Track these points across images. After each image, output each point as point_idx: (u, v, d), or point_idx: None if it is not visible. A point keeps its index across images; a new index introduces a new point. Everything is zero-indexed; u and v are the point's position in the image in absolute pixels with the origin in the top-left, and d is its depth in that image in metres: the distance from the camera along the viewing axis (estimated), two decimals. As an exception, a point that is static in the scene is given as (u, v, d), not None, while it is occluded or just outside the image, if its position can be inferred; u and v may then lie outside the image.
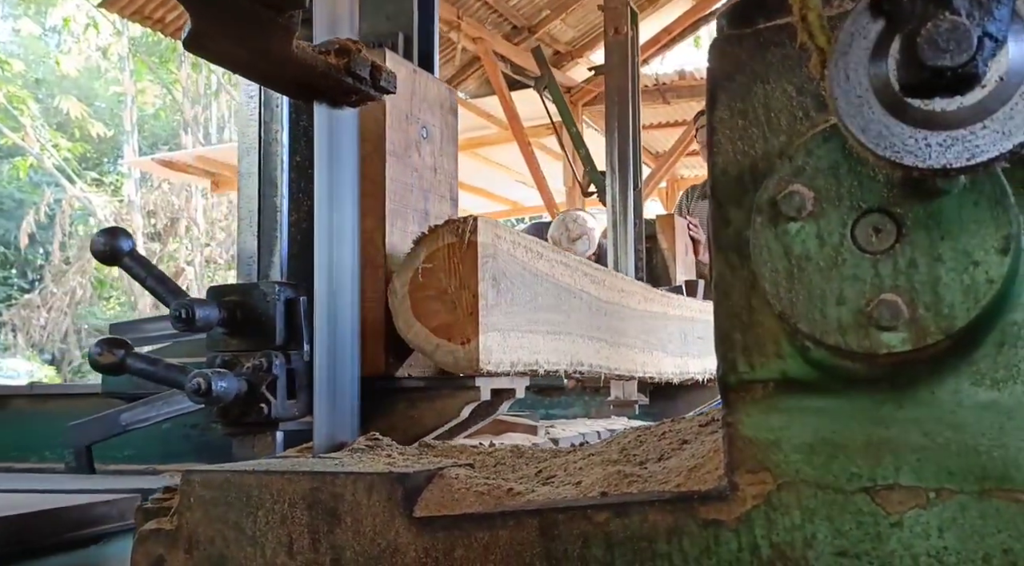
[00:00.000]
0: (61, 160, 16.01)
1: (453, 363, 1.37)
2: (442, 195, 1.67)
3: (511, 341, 1.46)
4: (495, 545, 0.82)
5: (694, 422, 1.05)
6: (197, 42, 1.08)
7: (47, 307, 15.62)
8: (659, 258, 4.04)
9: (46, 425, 2.32)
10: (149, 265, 1.52)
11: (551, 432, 1.90)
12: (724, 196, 0.78)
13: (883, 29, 0.61)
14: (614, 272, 2.31)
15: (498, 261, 1.44)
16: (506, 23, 8.20)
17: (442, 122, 1.69)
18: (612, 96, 3.39)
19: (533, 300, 1.56)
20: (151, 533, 0.96)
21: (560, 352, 1.65)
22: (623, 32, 3.50)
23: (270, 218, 1.62)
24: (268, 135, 1.63)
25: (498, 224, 1.50)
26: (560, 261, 1.70)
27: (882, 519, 0.74)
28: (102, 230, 1.53)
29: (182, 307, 1.37)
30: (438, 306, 1.39)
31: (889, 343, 0.69)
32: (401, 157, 1.53)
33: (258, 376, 1.42)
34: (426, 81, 1.64)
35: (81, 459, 1.87)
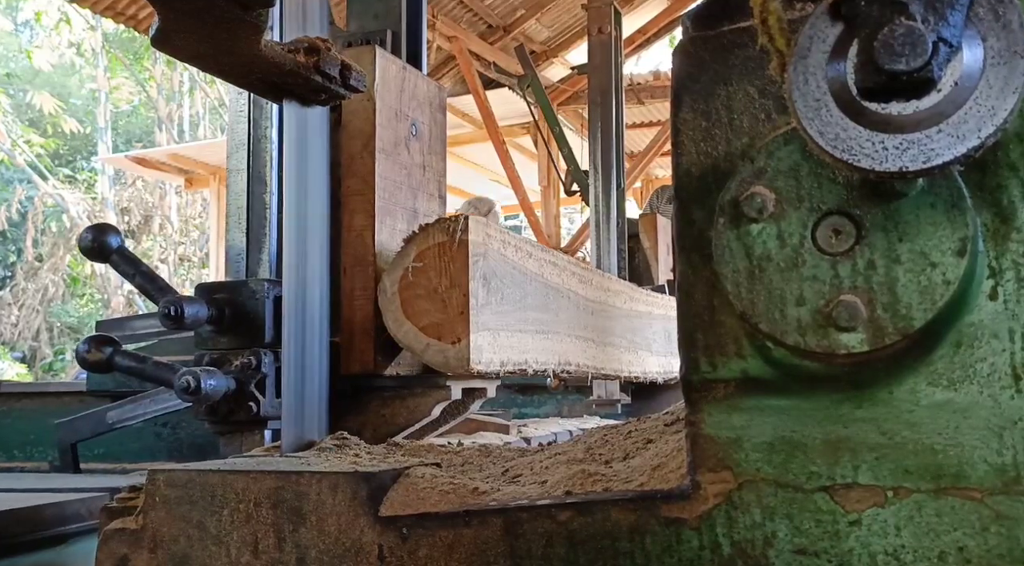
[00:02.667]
0: (33, 156, 15.78)
1: (443, 362, 1.36)
2: (431, 193, 1.66)
3: (501, 340, 1.45)
4: (459, 544, 0.82)
5: (659, 421, 1.06)
6: (164, 39, 1.07)
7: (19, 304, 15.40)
8: (641, 257, 4.06)
9: (17, 424, 2.28)
10: (137, 262, 1.51)
11: (523, 431, 1.89)
12: (687, 196, 0.79)
13: (841, 33, 0.62)
14: (600, 271, 2.31)
15: (488, 260, 1.43)
16: (481, 22, 8.21)
17: (431, 120, 1.68)
18: (595, 96, 3.39)
19: (523, 299, 1.56)
20: (115, 532, 0.95)
21: (549, 351, 1.65)
22: (607, 32, 3.49)
23: (259, 215, 1.61)
24: (257, 131, 1.63)
25: (489, 223, 1.50)
26: (549, 260, 1.70)
27: (841, 517, 0.75)
28: (90, 226, 1.51)
29: (171, 304, 1.37)
30: (428, 305, 1.37)
31: (848, 343, 0.70)
32: (391, 155, 1.53)
33: (246, 374, 1.41)
34: (416, 79, 1.63)
35: (66, 457, 1.86)
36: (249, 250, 1.63)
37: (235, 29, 1.05)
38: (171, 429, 2.08)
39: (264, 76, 1.16)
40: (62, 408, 2.17)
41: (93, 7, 6.78)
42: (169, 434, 2.09)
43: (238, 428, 1.47)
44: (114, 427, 1.80)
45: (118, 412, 1.79)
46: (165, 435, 2.09)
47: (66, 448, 1.86)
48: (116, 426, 1.80)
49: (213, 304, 1.44)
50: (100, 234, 1.50)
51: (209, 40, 1.08)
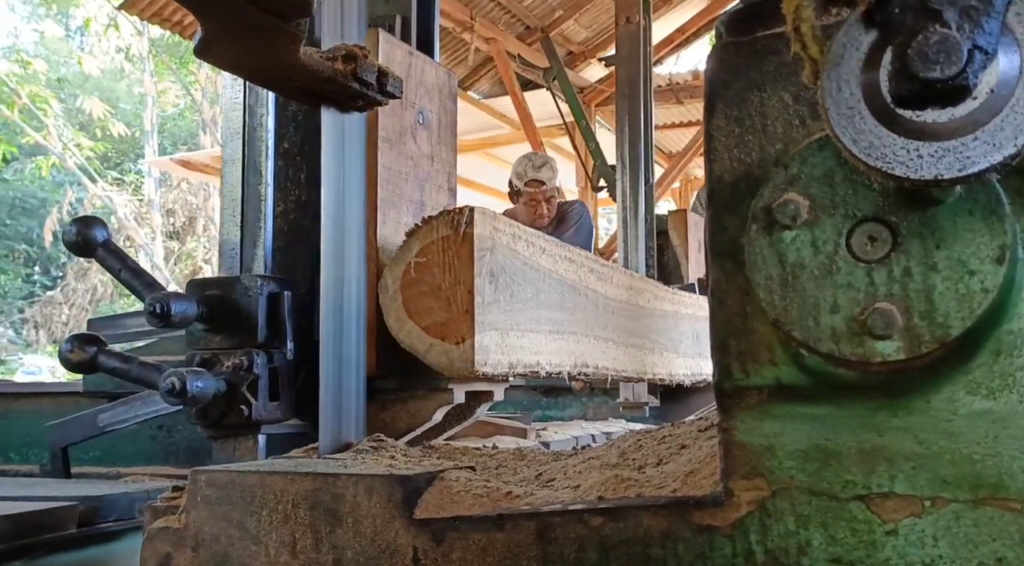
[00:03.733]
0: (83, 159, 16.17)
1: (447, 364, 1.29)
2: (440, 185, 1.60)
3: (510, 340, 1.38)
4: (492, 547, 0.83)
5: (693, 427, 1.06)
6: (207, 49, 1.10)
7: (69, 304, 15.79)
8: (671, 255, 3.99)
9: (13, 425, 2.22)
10: (124, 256, 1.44)
11: (542, 435, 1.83)
12: (720, 203, 0.78)
13: (875, 40, 0.61)
14: (622, 268, 2.22)
15: (496, 255, 1.36)
16: (519, 23, 8.22)
17: (440, 108, 1.61)
18: (623, 88, 3.31)
19: (535, 297, 1.48)
20: (159, 531, 0.98)
21: (564, 352, 1.57)
22: (635, 21, 3.41)
23: (254, 207, 1.53)
24: (253, 120, 1.55)
25: (497, 216, 1.41)
26: (564, 256, 1.62)
27: (877, 527, 0.74)
28: (76, 219, 1.44)
29: (157, 301, 1.30)
30: (432, 303, 1.30)
31: (883, 351, 0.70)
32: (395, 144, 1.46)
33: (238, 375, 1.34)
34: (424, 65, 1.57)
35: (57, 462, 1.76)
36: (243, 244, 1.54)
37: (274, 38, 1.07)
38: (167, 432, 2.00)
39: (303, 84, 1.18)
40: (58, 409, 2.10)
41: (141, 13, 6.93)
42: (165, 437, 2.00)
43: (231, 432, 1.41)
44: (105, 430, 1.71)
45: (109, 414, 1.70)
46: (161, 438, 2.00)
47: (56, 452, 1.77)
48: (107, 429, 1.70)
49: (204, 301, 1.36)
50: (85, 227, 1.42)
51: (249, 50, 1.10)
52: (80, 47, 18.94)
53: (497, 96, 8.80)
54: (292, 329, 1.42)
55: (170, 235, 16.36)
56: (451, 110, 1.66)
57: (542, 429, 1.99)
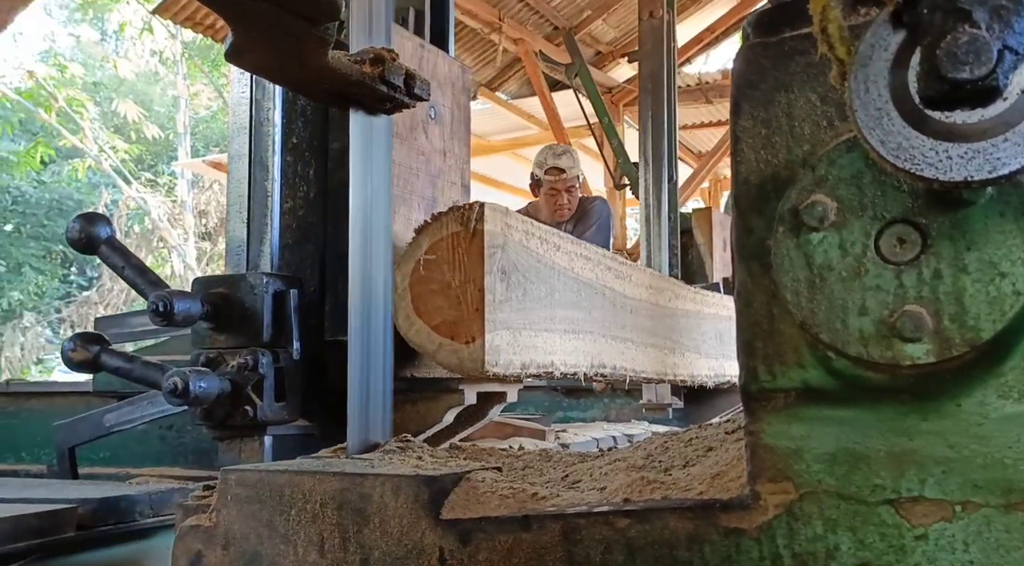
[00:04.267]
0: (118, 162, 16.43)
1: (457, 364, 1.26)
2: (452, 181, 1.57)
3: (523, 340, 1.35)
4: (518, 548, 0.83)
5: (720, 429, 1.05)
6: (237, 53, 1.12)
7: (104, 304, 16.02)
8: (695, 253, 3.95)
9: (25, 425, 2.22)
10: (128, 254, 1.43)
11: (561, 437, 1.79)
12: (746, 205, 0.78)
13: (903, 41, 0.60)
14: (642, 267, 2.17)
15: (508, 252, 1.33)
16: (547, 24, 8.21)
17: (453, 103, 1.58)
18: (646, 83, 3.26)
19: (549, 296, 1.45)
20: (190, 529, 0.99)
21: (580, 352, 1.53)
22: (658, 16, 3.36)
23: (260, 204, 1.50)
24: (260, 114, 1.52)
25: (509, 212, 1.37)
26: (580, 254, 1.58)
27: (906, 531, 0.73)
28: (78, 215, 1.43)
29: (160, 299, 1.28)
30: (441, 301, 1.27)
31: (912, 354, 0.69)
32: (405, 139, 1.44)
33: (243, 375, 1.32)
34: (436, 58, 1.54)
35: (64, 462, 1.73)
36: (250, 241, 1.51)
37: (303, 43, 1.09)
38: (176, 433, 1.97)
39: (331, 87, 1.19)
40: (68, 409, 2.08)
41: (174, 18, 7.03)
42: (174, 438, 1.97)
43: (236, 433, 1.39)
44: (112, 431, 1.68)
45: (116, 415, 1.67)
46: (170, 439, 1.98)
47: (63, 452, 1.73)
48: (114, 430, 1.67)
49: (208, 299, 1.34)
50: (88, 224, 1.40)
51: (279, 54, 1.12)
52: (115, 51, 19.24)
53: (525, 97, 8.81)
54: (299, 328, 1.40)
55: (202, 236, 16.56)
56: (464, 104, 1.63)
57: (562, 431, 1.95)
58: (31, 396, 2.29)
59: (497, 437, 1.63)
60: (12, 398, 2.29)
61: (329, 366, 1.45)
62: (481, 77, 8.46)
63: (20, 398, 2.29)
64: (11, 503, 1.24)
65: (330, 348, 1.47)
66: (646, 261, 2.99)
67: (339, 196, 1.49)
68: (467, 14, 7.32)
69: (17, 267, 17.35)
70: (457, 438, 1.45)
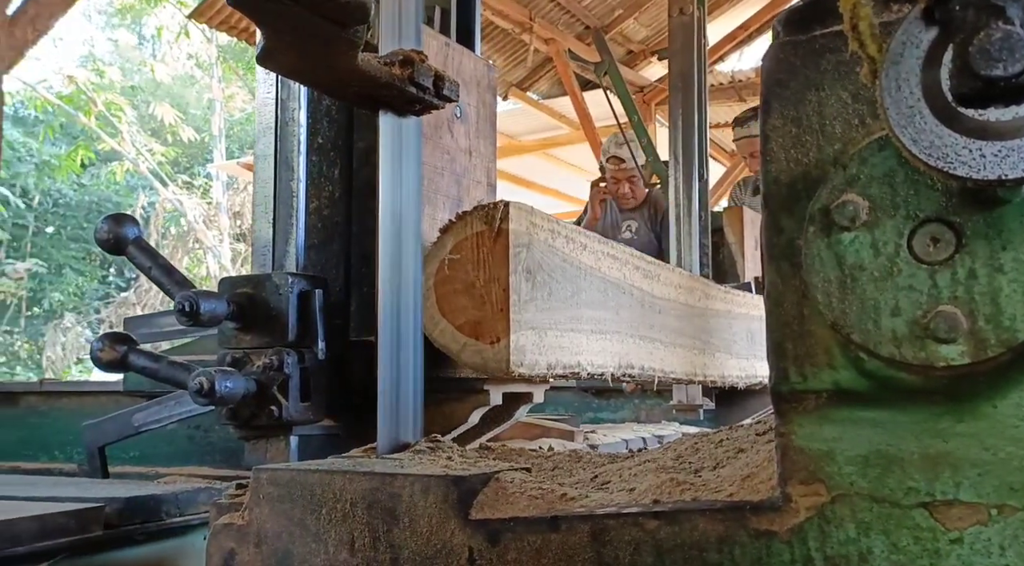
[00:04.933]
0: (155, 164, 16.70)
1: (481, 364, 1.26)
2: (477, 180, 1.57)
3: (548, 340, 1.34)
4: (547, 549, 0.83)
5: (751, 430, 1.04)
6: (268, 56, 1.13)
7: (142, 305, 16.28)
8: (726, 253, 3.91)
9: (57, 424, 2.24)
10: (155, 254, 1.44)
11: (590, 438, 1.78)
12: (776, 204, 0.77)
13: (936, 38, 0.60)
14: (670, 266, 2.14)
15: (533, 252, 1.32)
16: (578, 23, 8.19)
17: (479, 101, 1.58)
18: (676, 81, 3.22)
19: (575, 295, 1.43)
20: (223, 527, 1.01)
21: (607, 353, 1.52)
22: (688, 12, 3.33)
23: (286, 204, 1.51)
24: (285, 114, 1.53)
25: (534, 211, 1.36)
26: (607, 253, 1.57)
27: (941, 535, 0.72)
28: (107, 216, 1.44)
29: (186, 300, 1.29)
30: (466, 301, 1.27)
31: (947, 356, 0.68)
32: (431, 138, 1.44)
33: (268, 375, 1.32)
34: (461, 56, 1.54)
35: (94, 461, 1.74)
36: (275, 241, 1.51)
37: (333, 45, 1.10)
38: (203, 432, 1.98)
39: (361, 89, 1.20)
40: (99, 408, 2.10)
41: (209, 21, 7.13)
42: (201, 437, 1.98)
43: (262, 433, 1.39)
44: (140, 430, 1.69)
45: (144, 414, 1.68)
46: (198, 439, 1.99)
47: (94, 451, 1.74)
48: (142, 429, 1.68)
49: (234, 299, 1.35)
50: (116, 225, 1.41)
51: (309, 56, 1.13)
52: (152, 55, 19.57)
53: (556, 97, 8.80)
54: (324, 328, 1.40)
55: (237, 237, 16.77)
56: (490, 103, 1.62)
57: (590, 432, 1.94)
58: (63, 395, 2.32)
59: (526, 438, 1.63)
60: (45, 397, 2.32)
61: (354, 366, 1.45)
62: (512, 77, 8.47)
63: (52, 397, 2.31)
64: (41, 501, 1.25)
65: (355, 348, 1.48)
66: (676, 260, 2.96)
67: (364, 196, 1.51)
68: (498, 14, 7.33)
69: (58, 268, 17.71)
70: (485, 438, 1.45)
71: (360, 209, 1.53)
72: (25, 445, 2.26)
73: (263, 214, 1.53)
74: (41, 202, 17.61)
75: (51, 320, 17.09)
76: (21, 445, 2.26)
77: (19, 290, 16.52)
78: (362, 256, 1.51)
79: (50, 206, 17.89)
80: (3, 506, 1.21)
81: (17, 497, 1.31)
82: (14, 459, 2.19)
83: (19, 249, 16.95)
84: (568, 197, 11.12)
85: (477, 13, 1.71)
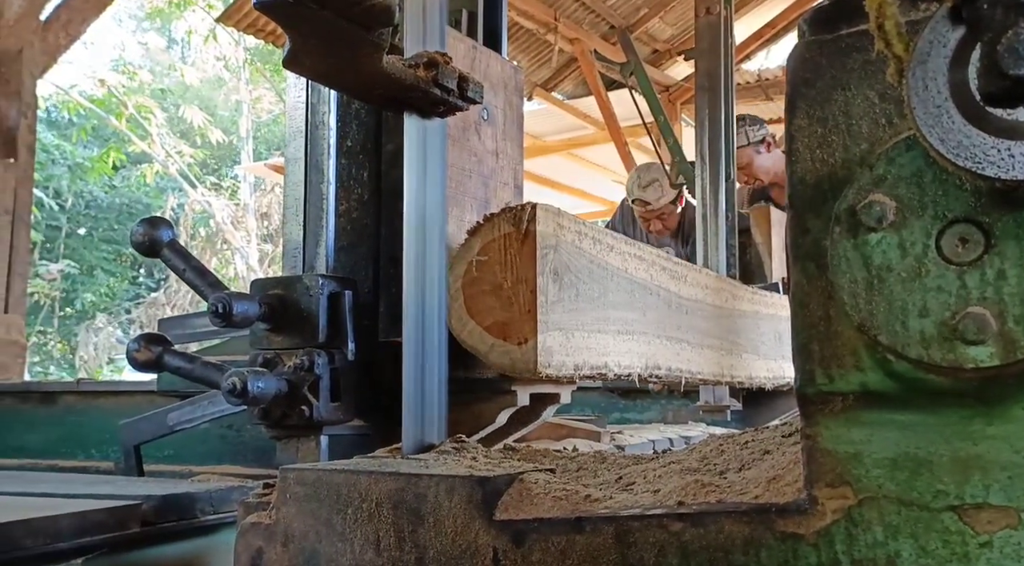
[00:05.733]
0: (184, 166, 16.90)
1: (509, 365, 1.27)
2: (505, 182, 1.58)
3: (575, 341, 1.35)
4: (572, 550, 0.83)
5: (777, 432, 1.04)
6: (295, 60, 1.14)
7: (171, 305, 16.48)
8: (753, 253, 3.88)
9: (94, 422, 2.27)
10: (188, 256, 1.46)
11: (617, 439, 1.77)
12: (802, 205, 0.77)
13: (963, 37, 0.59)
14: (698, 267, 2.13)
15: (560, 253, 1.33)
16: (603, 23, 8.17)
17: (506, 103, 1.59)
18: (703, 81, 3.20)
19: (602, 296, 1.44)
20: (251, 526, 1.02)
21: (634, 354, 1.52)
22: (715, 12, 3.31)
23: (316, 206, 1.52)
24: (315, 118, 1.55)
25: (561, 212, 1.37)
26: (634, 254, 1.57)
27: (971, 539, 0.72)
28: (142, 220, 1.46)
29: (219, 301, 1.31)
30: (493, 302, 1.28)
31: (976, 357, 0.67)
32: (458, 140, 1.45)
33: (299, 376, 1.34)
34: (488, 59, 1.55)
35: (130, 460, 1.77)
36: (306, 243, 1.53)
37: (358, 48, 1.10)
38: (236, 432, 1.99)
39: (386, 91, 1.21)
40: (134, 408, 2.13)
41: (236, 25, 7.21)
42: (234, 437, 2.00)
43: (293, 433, 1.41)
44: (174, 429, 1.71)
45: (178, 414, 1.70)
46: (230, 438, 2.00)
47: (129, 450, 1.77)
48: (176, 428, 1.70)
49: (266, 301, 1.36)
50: (151, 228, 1.43)
51: (335, 59, 1.14)
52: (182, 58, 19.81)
53: (581, 97, 8.79)
54: (353, 329, 1.41)
55: (264, 238, 16.93)
56: (517, 105, 1.63)
57: (617, 432, 1.93)
58: (99, 395, 2.35)
59: (552, 438, 1.63)
60: (82, 397, 2.36)
61: (383, 367, 1.46)
62: (537, 77, 8.47)
63: (89, 397, 2.35)
64: (79, 499, 1.28)
65: (384, 349, 1.49)
66: (703, 261, 2.94)
67: (392, 198, 1.51)
68: (523, 15, 7.33)
69: (90, 270, 17.98)
70: (511, 439, 1.45)
71: (388, 211, 1.54)
72: (63, 443, 2.30)
73: (293, 216, 1.55)
74: (74, 204, 17.90)
75: (83, 320, 17.36)
76: (59, 443, 2.30)
77: (52, 291, 16.80)
78: (390, 258, 1.52)
79: (82, 208, 18.18)
80: (43, 503, 1.24)
81: (56, 494, 1.33)
82: (53, 457, 2.23)
83: (52, 250, 17.24)
84: (593, 197, 11.10)
85: (503, 15, 1.71)
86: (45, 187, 16.55)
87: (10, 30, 5.85)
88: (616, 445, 1.71)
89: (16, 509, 1.16)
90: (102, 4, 6.46)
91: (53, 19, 6.18)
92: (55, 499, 1.28)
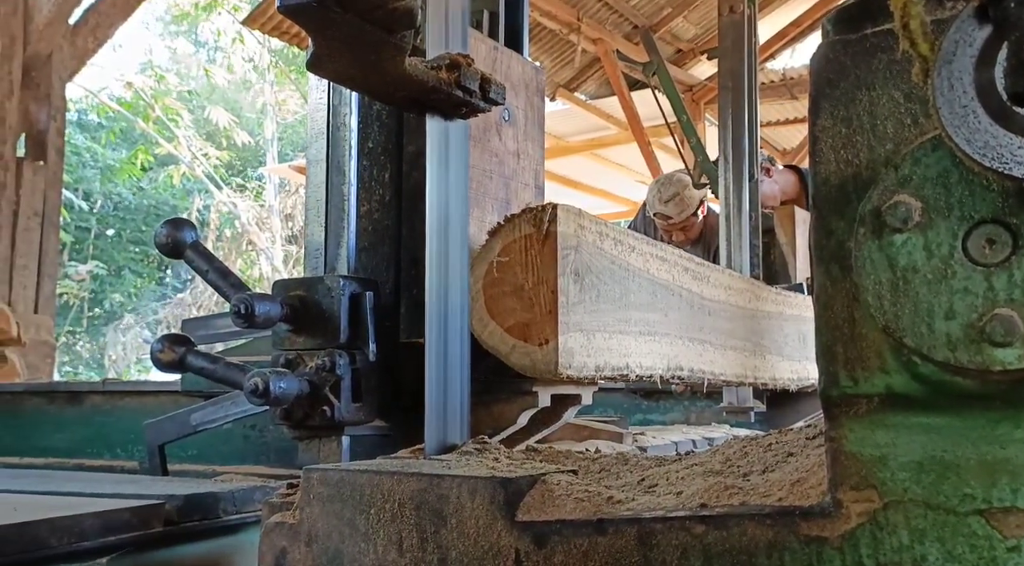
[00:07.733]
0: (210, 168, 17.07)
1: (530, 366, 1.27)
2: (526, 183, 1.57)
3: (597, 342, 1.34)
4: (594, 552, 0.83)
5: (801, 434, 1.03)
6: (318, 63, 1.15)
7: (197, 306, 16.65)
8: (777, 253, 3.84)
9: (120, 422, 2.30)
10: (211, 257, 1.47)
11: (639, 440, 1.76)
12: (826, 206, 0.76)
13: (989, 36, 0.58)
14: (720, 268, 2.11)
15: (581, 254, 1.32)
16: (626, 23, 8.15)
17: (527, 104, 1.59)
18: (726, 80, 3.18)
19: (623, 297, 1.43)
20: (276, 526, 1.02)
21: (656, 355, 1.51)
22: (739, 11, 3.29)
23: (337, 207, 1.52)
24: (336, 119, 1.55)
25: (582, 213, 1.36)
26: (656, 255, 1.56)
27: (998, 543, 0.71)
28: (166, 221, 1.47)
29: (242, 302, 1.31)
30: (514, 303, 1.28)
31: (1004, 360, 0.66)
32: (479, 141, 1.45)
33: (321, 376, 1.34)
34: (509, 59, 1.55)
35: (154, 459, 1.79)
36: (328, 245, 1.53)
37: (381, 51, 1.11)
38: (259, 432, 2.01)
39: (408, 93, 1.22)
40: (159, 407, 2.16)
41: (261, 27, 7.27)
42: (257, 437, 2.01)
43: (314, 434, 1.41)
44: (198, 429, 1.72)
45: (201, 414, 1.71)
46: (253, 438, 2.01)
47: (154, 450, 1.79)
48: (200, 428, 1.72)
49: (288, 302, 1.37)
50: (175, 230, 1.44)
51: (358, 62, 1.14)
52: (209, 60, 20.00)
53: (604, 97, 8.77)
54: (375, 330, 1.42)
55: (289, 239, 17.05)
56: (538, 106, 1.63)
57: (640, 434, 1.93)
58: (125, 395, 2.37)
59: (574, 439, 1.62)
60: (107, 397, 2.38)
61: (404, 368, 1.47)
62: (560, 78, 8.46)
63: (115, 397, 2.37)
64: (105, 498, 1.29)
65: (405, 350, 1.49)
66: (726, 261, 2.92)
67: (414, 199, 1.51)
68: (545, 15, 7.33)
69: (118, 270, 18.21)
70: (533, 440, 1.45)
71: (410, 212, 1.54)
72: (89, 443, 2.33)
73: (315, 218, 1.56)
74: (103, 205, 18.13)
75: (111, 321, 17.59)
76: (86, 443, 2.33)
77: (81, 291, 17.03)
78: (411, 259, 1.53)
79: (111, 209, 18.41)
80: (69, 502, 1.25)
81: (83, 493, 1.34)
82: (79, 456, 2.26)
83: (81, 251, 17.47)
84: (616, 197, 11.07)
85: (525, 16, 1.71)
86: (75, 189, 16.79)
87: (40, 34, 5.94)
88: (638, 446, 1.70)
89: (41, 508, 1.18)
90: (129, 8, 6.54)
91: (82, 23, 6.27)
92: (81, 498, 1.29)
